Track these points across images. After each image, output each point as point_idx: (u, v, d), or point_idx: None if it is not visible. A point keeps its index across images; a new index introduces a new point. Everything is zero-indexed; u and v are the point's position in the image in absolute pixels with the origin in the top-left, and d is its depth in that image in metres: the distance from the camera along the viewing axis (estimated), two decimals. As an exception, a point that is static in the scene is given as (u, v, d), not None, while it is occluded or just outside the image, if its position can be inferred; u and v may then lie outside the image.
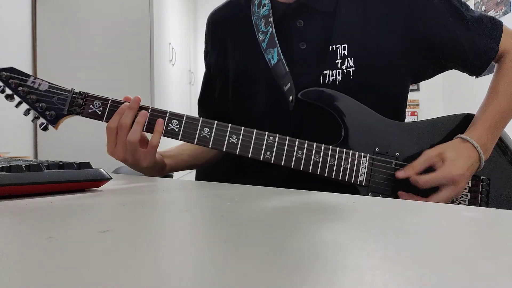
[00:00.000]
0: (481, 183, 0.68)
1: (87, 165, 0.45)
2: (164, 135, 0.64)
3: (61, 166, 0.43)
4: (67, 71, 2.22)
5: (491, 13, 2.90)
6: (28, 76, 0.64)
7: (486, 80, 0.76)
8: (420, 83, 1.23)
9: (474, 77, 0.79)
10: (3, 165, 0.40)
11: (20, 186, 0.39)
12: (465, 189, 0.68)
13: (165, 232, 0.26)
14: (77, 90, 0.65)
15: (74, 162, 0.44)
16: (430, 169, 0.64)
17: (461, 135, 0.67)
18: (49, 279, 0.17)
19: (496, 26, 0.73)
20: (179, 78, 3.20)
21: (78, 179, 0.43)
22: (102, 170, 0.46)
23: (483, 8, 3.01)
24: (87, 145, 2.15)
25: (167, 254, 0.21)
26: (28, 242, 0.23)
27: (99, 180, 0.45)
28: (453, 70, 0.79)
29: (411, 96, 3.82)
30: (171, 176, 1.88)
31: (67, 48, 2.25)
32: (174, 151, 0.80)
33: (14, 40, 2.01)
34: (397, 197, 0.65)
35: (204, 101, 0.90)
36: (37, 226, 0.28)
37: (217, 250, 0.21)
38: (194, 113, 0.77)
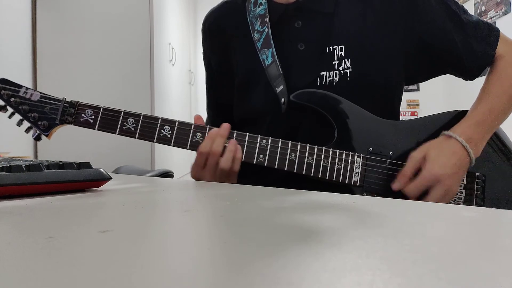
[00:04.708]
0: (476, 180, 0.68)
1: (87, 165, 0.45)
2: (156, 142, 0.65)
3: (61, 166, 0.43)
4: (67, 71, 2.22)
5: (491, 13, 2.90)
6: (20, 86, 0.63)
7: (486, 80, 0.76)
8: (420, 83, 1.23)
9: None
10: (3, 165, 0.40)
11: (20, 186, 0.39)
12: (460, 186, 0.68)
13: (165, 232, 0.26)
14: (68, 99, 0.64)
15: (74, 162, 0.44)
16: (419, 171, 0.64)
17: (445, 132, 0.66)
18: (49, 279, 0.17)
19: (492, 32, 0.73)
20: (179, 78, 3.20)
21: (78, 179, 0.43)
22: (102, 170, 0.46)
23: (483, 8, 3.01)
24: (87, 145, 2.15)
25: (167, 254, 0.21)
26: (28, 242, 0.23)
27: (99, 180, 0.45)
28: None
29: (411, 96, 3.83)
30: (171, 176, 1.88)
31: (67, 48, 2.25)
32: None
33: (14, 41, 2.01)
34: (392, 196, 0.65)
35: (213, 105, 0.88)
36: (37, 226, 0.28)
37: (217, 250, 0.21)
38: (195, 112, 0.77)
